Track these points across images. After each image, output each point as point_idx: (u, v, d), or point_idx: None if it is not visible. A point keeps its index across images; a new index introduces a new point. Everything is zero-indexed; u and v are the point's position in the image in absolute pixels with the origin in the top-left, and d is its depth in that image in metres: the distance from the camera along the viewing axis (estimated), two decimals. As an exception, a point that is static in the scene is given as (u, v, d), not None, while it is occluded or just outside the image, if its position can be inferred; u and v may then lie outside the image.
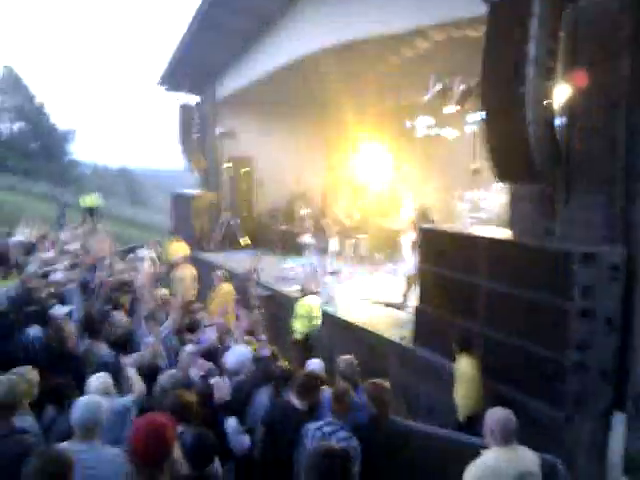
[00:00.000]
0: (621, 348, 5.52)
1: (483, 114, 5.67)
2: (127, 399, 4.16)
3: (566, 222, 5.95)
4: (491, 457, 3.26)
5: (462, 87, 7.55)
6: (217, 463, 3.40)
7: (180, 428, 3.32)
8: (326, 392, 4.54)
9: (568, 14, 5.38)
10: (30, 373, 3.89)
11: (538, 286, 5.51)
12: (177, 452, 2.80)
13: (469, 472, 3.23)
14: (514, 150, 5.47)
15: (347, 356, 5.44)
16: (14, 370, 3.79)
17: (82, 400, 3.35)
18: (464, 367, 5.65)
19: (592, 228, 5.76)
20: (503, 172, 5.83)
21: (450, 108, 8.04)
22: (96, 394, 3.80)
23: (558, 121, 5.49)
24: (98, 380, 4.08)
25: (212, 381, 4.53)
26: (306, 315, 7.98)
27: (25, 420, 3.47)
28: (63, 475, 2.57)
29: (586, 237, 5.75)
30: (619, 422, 5.64)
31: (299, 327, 8.03)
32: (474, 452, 3.49)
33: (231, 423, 4.19)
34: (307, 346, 7.79)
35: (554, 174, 5.69)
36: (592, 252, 5.30)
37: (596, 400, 5.47)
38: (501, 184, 7.82)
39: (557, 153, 5.55)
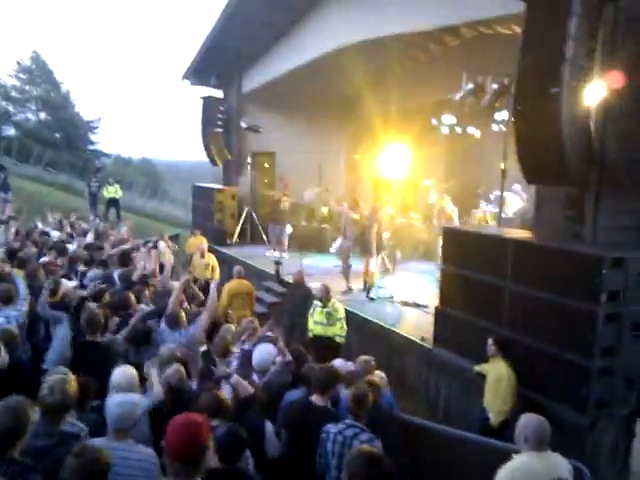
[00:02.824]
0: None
1: (515, 113, 5.59)
2: (145, 400, 4.02)
3: (595, 226, 5.87)
4: (523, 461, 3.22)
5: (495, 86, 7.45)
6: (250, 460, 3.39)
7: (214, 422, 3.32)
8: (343, 393, 4.53)
9: (608, 13, 5.28)
10: (69, 374, 3.52)
11: (565, 289, 5.44)
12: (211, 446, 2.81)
13: (500, 475, 3.19)
14: (546, 151, 5.39)
15: (365, 356, 5.47)
16: (55, 370, 3.60)
17: (118, 398, 3.32)
18: (501, 371, 5.58)
19: (622, 233, 5.68)
20: (533, 173, 5.75)
21: (481, 106, 7.93)
22: (119, 389, 3.71)
23: (592, 123, 5.40)
24: (123, 375, 3.92)
25: (232, 380, 4.43)
26: (343, 317, 7.64)
27: (74, 424, 3.31)
28: (101, 473, 2.59)
29: (614, 242, 5.68)
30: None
31: (340, 332, 7.60)
32: (500, 455, 3.45)
33: (268, 427, 4.09)
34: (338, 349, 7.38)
35: (586, 177, 5.60)
36: (622, 257, 5.23)
37: (620, 406, 5.40)
38: (524, 184, 7.72)
39: (591, 156, 5.46)
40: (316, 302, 7.75)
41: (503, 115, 8.09)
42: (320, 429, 3.87)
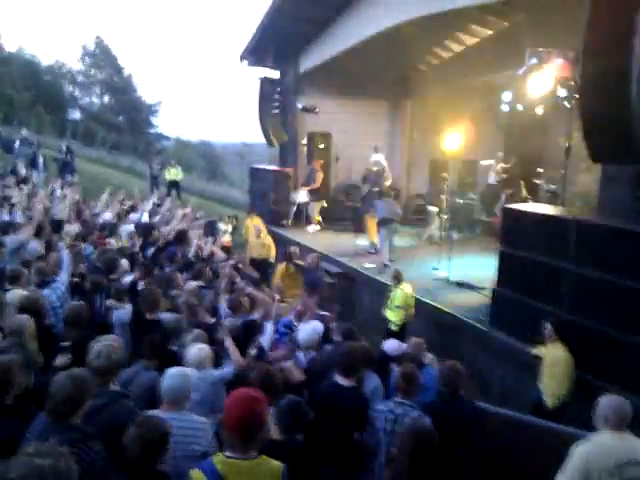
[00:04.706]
0: None
1: (581, 89, 5.36)
2: (223, 372, 4.29)
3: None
4: (600, 440, 3.23)
5: (559, 61, 7.15)
6: None
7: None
8: (394, 372, 4.52)
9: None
10: (118, 341, 3.82)
11: (631, 271, 5.24)
12: (268, 419, 2.91)
13: (575, 452, 3.19)
14: (613, 128, 5.15)
15: (416, 338, 5.53)
16: (105, 337, 3.80)
17: (172, 372, 3.49)
18: (558, 354, 5.50)
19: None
20: (599, 151, 5.51)
21: (544, 81, 7.64)
22: (192, 365, 3.99)
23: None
24: (197, 351, 4.17)
25: (285, 365, 4.51)
26: (403, 305, 7.67)
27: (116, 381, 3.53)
28: (162, 442, 2.75)
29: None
30: None
31: (395, 319, 7.67)
32: (562, 440, 3.40)
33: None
34: (401, 335, 7.14)
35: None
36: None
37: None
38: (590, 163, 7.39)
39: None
40: None
41: (569, 91, 7.73)
42: (345, 409, 3.88)
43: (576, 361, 5.48)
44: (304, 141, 15.87)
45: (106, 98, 44.59)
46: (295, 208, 15.03)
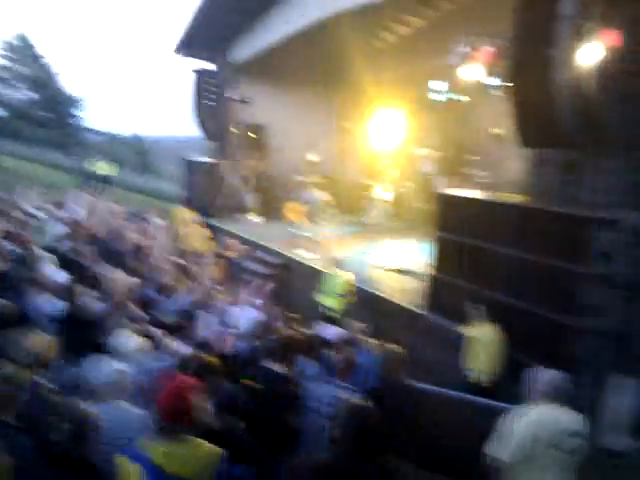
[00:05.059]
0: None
1: (510, 76, 5.50)
2: (161, 362, 4.17)
3: (590, 188, 5.84)
4: (537, 412, 3.31)
5: (490, 49, 7.32)
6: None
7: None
8: (332, 356, 4.58)
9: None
10: (43, 335, 3.78)
11: (562, 254, 5.42)
12: (205, 406, 2.92)
13: (518, 426, 3.27)
14: (542, 114, 5.32)
15: (354, 322, 5.82)
16: (31, 332, 3.73)
17: (101, 365, 3.43)
18: (491, 335, 5.68)
19: (615, 194, 5.65)
20: (528, 137, 5.68)
21: (475, 70, 7.81)
22: (125, 356, 3.90)
23: (590, 84, 5.29)
24: (129, 342, 4.12)
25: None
26: (343, 293, 7.68)
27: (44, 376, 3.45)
28: (89, 433, 2.71)
29: (609, 203, 5.65)
30: (630, 388, 5.58)
31: (335, 305, 7.65)
32: (498, 415, 3.49)
33: None
34: (340, 322, 7.16)
35: (583, 139, 5.53)
36: (612, 218, 5.21)
37: (607, 366, 5.41)
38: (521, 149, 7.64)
39: (587, 118, 5.37)
40: None
41: (499, 79, 7.93)
42: (277, 394, 3.91)
43: (507, 340, 5.67)
44: (240, 133, 15.68)
45: (30, 93, 42.53)
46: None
